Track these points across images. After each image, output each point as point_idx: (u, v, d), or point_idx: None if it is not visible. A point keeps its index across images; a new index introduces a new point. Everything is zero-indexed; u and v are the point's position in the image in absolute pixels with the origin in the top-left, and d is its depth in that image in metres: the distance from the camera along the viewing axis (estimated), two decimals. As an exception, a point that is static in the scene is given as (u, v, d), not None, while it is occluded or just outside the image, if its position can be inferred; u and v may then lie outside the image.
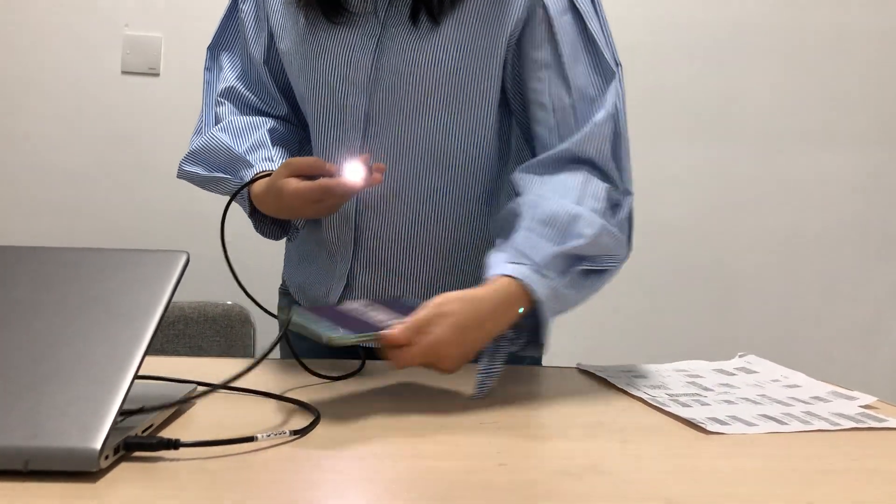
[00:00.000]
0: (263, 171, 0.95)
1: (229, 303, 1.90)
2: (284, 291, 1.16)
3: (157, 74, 2.06)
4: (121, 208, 2.06)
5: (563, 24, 0.94)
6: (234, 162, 0.99)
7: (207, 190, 1.05)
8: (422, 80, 0.95)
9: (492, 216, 1.03)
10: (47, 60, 2.03)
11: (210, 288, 1.93)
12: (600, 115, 0.92)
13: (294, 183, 0.87)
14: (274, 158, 0.98)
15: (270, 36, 1.04)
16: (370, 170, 0.86)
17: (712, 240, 2.20)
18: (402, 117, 0.96)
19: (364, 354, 0.94)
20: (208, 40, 1.12)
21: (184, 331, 1.86)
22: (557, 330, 1.21)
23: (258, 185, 0.94)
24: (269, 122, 1.04)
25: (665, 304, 2.17)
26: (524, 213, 0.87)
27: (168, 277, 0.63)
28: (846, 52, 2.26)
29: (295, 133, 1.10)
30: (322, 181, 0.86)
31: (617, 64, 0.95)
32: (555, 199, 0.88)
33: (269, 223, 1.04)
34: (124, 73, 2.05)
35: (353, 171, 0.85)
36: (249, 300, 0.97)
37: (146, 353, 0.59)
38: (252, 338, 1.91)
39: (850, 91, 2.27)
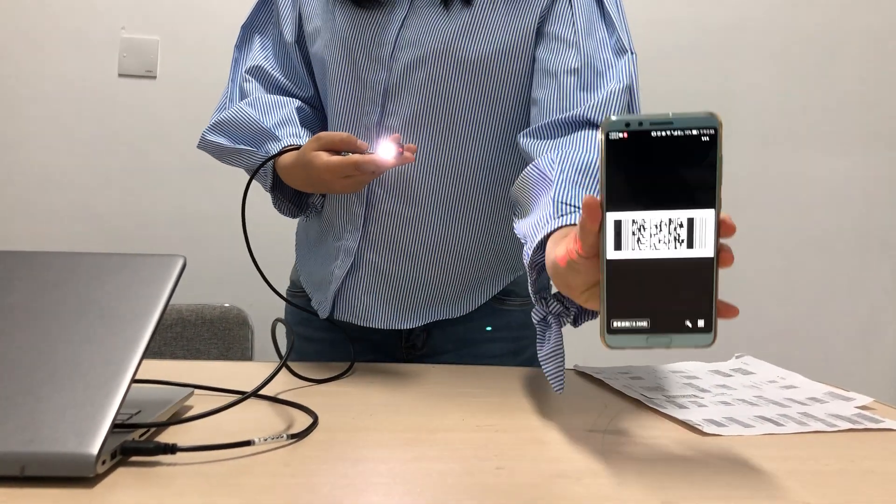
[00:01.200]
0: (292, 145, 0.96)
1: (227, 305, 1.90)
2: (292, 293, 1.17)
3: (153, 77, 2.06)
4: (118, 211, 2.06)
5: (583, 3, 0.96)
6: (260, 135, 1.00)
7: (226, 161, 1.06)
8: (445, 58, 0.96)
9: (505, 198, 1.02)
10: (44, 64, 2.03)
11: (207, 291, 1.94)
12: (615, 85, 0.91)
13: (325, 157, 0.88)
14: (301, 136, 0.99)
15: (300, 16, 1.06)
16: (402, 149, 0.87)
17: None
18: (420, 95, 0.97)
19: (353, 357, 0.97)
20: (205, 43, 1.13)
21: (181, 333, 1.86)
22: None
23: (286, 158, 0.95)
24: (296, 102, 1.06)
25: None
26: (553, 169, 0.80)
27: (164, 282, 0.63)
28: (844, 53, 2.27)
29: (317, 117, 1.11)
30: (354, 157, 0.87)
31: (632, 51, 0.94)
32: (581, 151, 0.83)
33: (287, 200, 1.06)
34: (121, 75, 2.05)
35: (386, 149, 0.86)
36: (247, 302, 0.97)
37: (143, 357, 0.59)
38: (250, 340, 1.91)
39: (848, 92, 2.27)
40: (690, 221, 0.58)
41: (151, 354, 0.62)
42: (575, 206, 0.74)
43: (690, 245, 0.58)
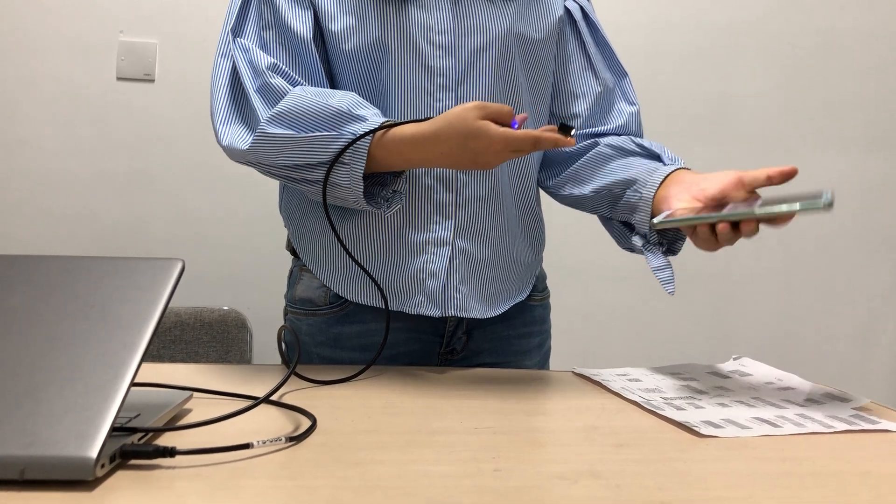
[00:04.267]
0: (391, 120, 0.91)
1: (225, 308, 1.90)
2: (303, 312, 1.08)
3: (152, 81, 2.06)
4: (117, 215, 2.06)
5: (583, 28, 1.11)
6: (338, 117, 0.90)
7: (289, 158, 0.92)
8: (508, 42, 1.02)
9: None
10: (42, 67, 2.03)
11: (206, 294, 1.94)
12: (631, 108, 1.12)
13: (498, 127, 0.85)
14: (381, 115, 0.93)
15: (315, 16, 0.99)
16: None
17: (707, 242, 2.21)
18: (489, 78, 1.01)
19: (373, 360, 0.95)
20: (203, 46, 1.11)
21: (180, 336, 1.86)
22: (553, 334, 1.22)
23: (408, 130, 0.89)
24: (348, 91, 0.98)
25: (659, 307, 2.18)
26: (633, 145, 1.07)
27: (163, 286, 0.63)
28: (842, 53, 2.27)
29: None
30: (534, 132, 0.86)
31: (626, 71, 1.14)
32: (638, 141, 1.09)
33: (378, 188, 0.96)
34: (119, 79, 2.05)
35: (567, 129, 0.87)
36: (245, 305, 0.97)
37: (142, 360, 0.59)
38: (249, 343, 1.91)
39: (846, 93, 2.28)
40: None
41: (150, 357, 0.62)
42: (678, 159, 1.04)
43: None
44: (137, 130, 2.06)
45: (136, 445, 0.58)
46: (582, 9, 1.11)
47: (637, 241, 1.01)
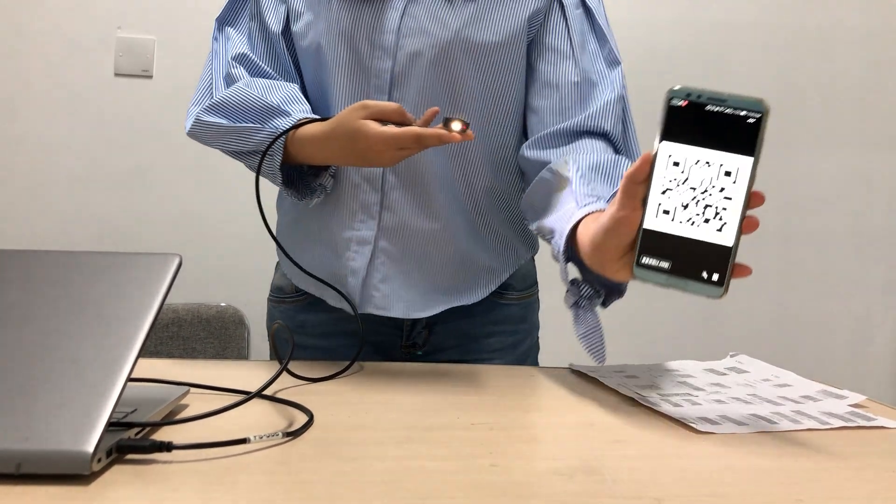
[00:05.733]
0: (308, 117, 0.93)
1: (223, 304, 1.90)
2: (275, 300, 1.14)
3: (149, 77, 2.06)
4: (114, 210, 2.06)
5: (575, 16, 1.03)
6: (266, 111, 0.95)
7: (221, 145, 1.00)
8: (452, 47, 0.97)
9: (508, 188, 1.08)
10: (40, 63, 2.03)
11: (204, 290, 1.94)
12: (609, 95, 0.99)
13: (377, 126, 0.85)
14: (310, 112, 0.96)
15: (288, 11, 1.03)
16: (465, 126, 0.86)
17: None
18: (427, 82, 0.98)
19: (355, 356, 0.95)
20: (201, 42, 1.12)
21: (177, 332, 1.86)
22: (550, 331, 1.22)
23: (310, 129, 0.92)
24: (296, 85, 1.02)
25: (656, 304, 2.18)
26: (569, 170, 0.90)
27: (160, 281, 0.63)
28: (841, 52, 2.28)
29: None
30: (416, 129, 0.84)
31: (619, 60, 1.03)
32: (590, 154, 0.94)
33: (296, 179, 1.00)
34: (117, 75, 2.05)
35: (455, 124, 0.84)
36: (243, 301, 0.97)
37: (139, 355, 0.59)
38: (246, 339, 1.91)
39: (844, 91, 2.28)
40: (723, 189, 0.67)
41: (147, 353, 0.62)
42: (596, 196, 0.84)
43: (718, 215, 0.67)
44: (135, 127, 2.06)
45: (132, 440, 0.58)
46: None
47: (569, 298, 0.84)
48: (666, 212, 0.69)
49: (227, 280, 2.00)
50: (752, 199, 0.66)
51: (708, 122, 0.67)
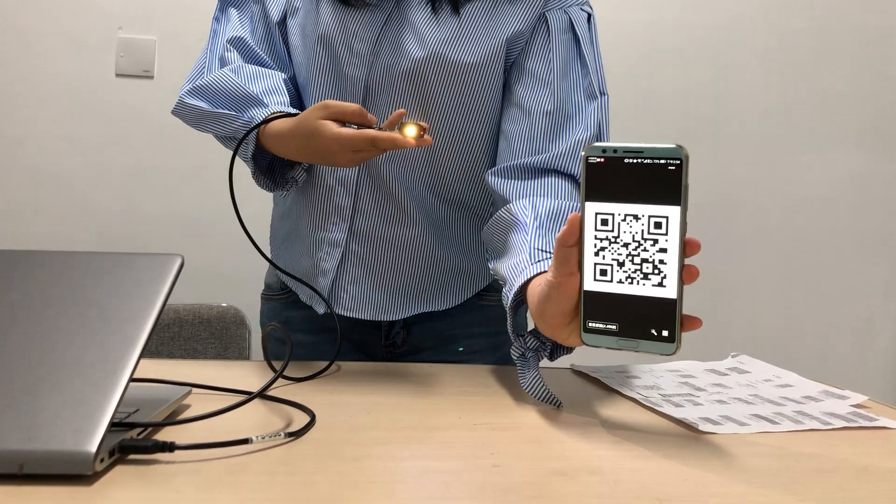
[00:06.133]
0: (280, 111, 0.93)
1: (224, 305, 1.90)
2: (265, 296, 1.16)
3: (150, 77, 2.06)
4: (115, 211, 2.06)
5: (560, 42, 0.99)
6: (245, 100, 0.96)
7: (203, 128, 1.01)
8: (427, 63, 0.96)
9: (479, 207, 1.07)
10: (41, 64, 2.03)
11: (205, 290, 1.94)
12: (583, 134, 0.95)
13: (334, 127, 0.85)
14: (288, 105, 0.96)
15: (286, 3, 1.04)
16: (423, 131, 0.84)
17: (705, 240, 2.20)
18: (400, 95, 0.98)
19: (335, 354, 0.95)
20: (202, 43, 1.11)
21: (179, 333, 1.86)
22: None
23: (278, 125, 0.92)
24: (283, 75, 1.03)
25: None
26: (527, 215, 0.87)
27: (162, 281, 0.63)
28: (840, 52, 2.27)
29: (300, 98, 1.08)
30: (370, 132, 0.83)
31: (602, 93, 0.98)
32: (551, 199, 0.90)
33: (264, 172, 1.01)
34: (118, 75, 2.05)
35: (409, 129, 0.83)
36: (244, 301, 0.97)
37: (141, 356, 0.59)
38: (247, 340, 1.91)
39: (844, 92, 2.28)
40: (655, 241, 0.66)
41: (149, 353, 0.63)
42: (549, 253, 0.80)
43: (656, 268, 0.66)
44: (136, 127, 2.06)
45: (134, 440, 0.58)
46: (571, 21, 0.99)
47: (514, 351, 0.82)
48: (603, 272, 0.68)
49: (228, 280, 2.00)
50: (687, 247, 0.65)
51: (628, 176, 0.65)
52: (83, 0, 2.03)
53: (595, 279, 0.68)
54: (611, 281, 0.67)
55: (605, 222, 0.67)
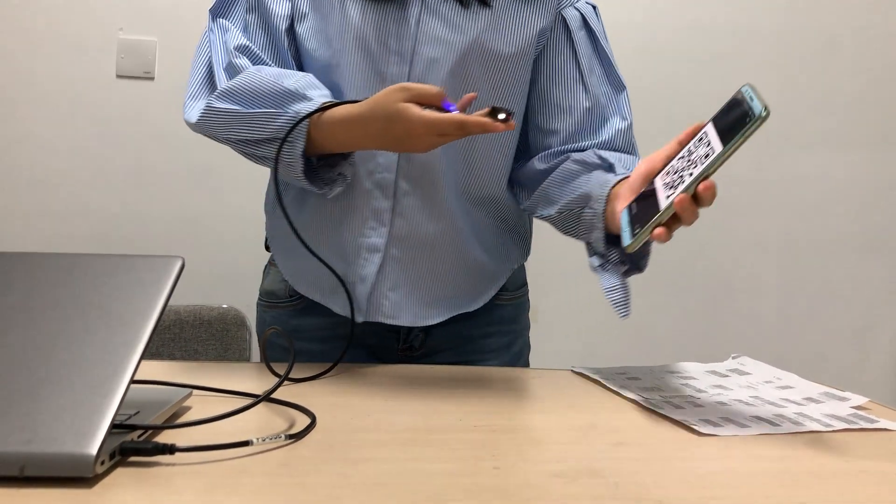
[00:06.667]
0: (331, 101, 0.90)
1: (224, 306, 1.90)
2: (266, 304, 1.12)
3: (151, 78, 2.06)
4: (116, 212, 2.06)
5: (580, 39, 1.04)
6: (284, 96, 0.91)
7: (236, 132, 0.93)
8: (470, 54, 0.97)
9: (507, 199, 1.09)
10: (42, 65, 2.03)
11: (205, 292, 1.94)
12: (621, 124, 1.04)
13: (419, 109, 0.83)
14: (331, 97, 0.92)
15: (292, 10, 1.01)
16: (509, 115, 0.84)
17: (705, 241, 2.21)
18: (442, 85, 0.95)
19: (339, 357, 0.94)
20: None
21: (179, 334, 1.86)
22: (552, 332, 1.22)
23: (341, 111, 0.88)
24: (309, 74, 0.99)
25: (659, 305, 2.18)
26: (597, 157, 0.98)
27: (163, 283, 0.63)
28: (839, 54, 2.27)
29: None
30: (459, 116, 0.82)
31: (624, 84, 1.06)
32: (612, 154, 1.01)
33: (328, 169, 0.96)
34: (119, 77, 2.05)
35: (498, 113, 0.82)
36: (245, 303, 0.97)
37: (142, 357, 0.59)
38: (247, 341, 1.90)
39: (844, 93, 2.28)
40: (696, 164, 0.75)
41: (150, 355, 0.62)
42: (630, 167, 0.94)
43: (675, 186, 0.76)
44: (137, 128, 2.06)
45: (135, 442, 0.58)
46: (583, 16, 1.05)
47: (595, 261, 0.93)
48: (667, 172, 0.80)
49: (229, 282, 2.00)
50: (703, 183, 0.74)
51: (732, 112, 0.74)
52: (84, 1, 2.03)
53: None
54: (664, 183, 0.79)
55: (700, 140, 0.77)
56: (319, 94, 0.92)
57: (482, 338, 1.10)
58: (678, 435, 0.72)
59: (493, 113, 0.83)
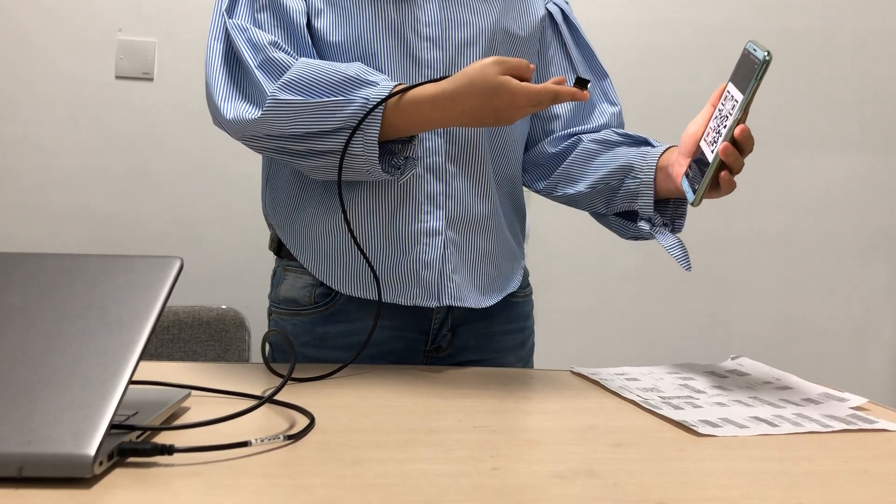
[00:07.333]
0: (403, 84, 0.90)
1: (223, 307, 1.90)
2: (287, 312, 1.06)
3: (150, 79, 2.06)
4: (115, 213, 2.06)
5: (566, 31, 1.14)
6: (349, 83, 0.90)
7: (301, 125, 0.90)
8: (496, 36, 1.04)
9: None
10: (41, 66, 2.03)
11: (204, 292, 1.94)
12: (611, 109, 1.13)
13: (518, 82, 0.87)
14: (390, 80, 0.92)
15: (307, 6, 0.99)
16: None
17: (704, 242, 2.21)
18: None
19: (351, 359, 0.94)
20: (202, 45, 1.08)
21: (178, 335, 1.86)
22: (552, 332, 1.22)
23: (428, 90, 0.89)
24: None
25: (658, 306, 2.18)
26: (616, 135, 1.08)
27: (162, 284, 0.63)
28: (838, 55, 2.28)
29: None
30: (553, 87, 0.87)
31: (606, 73, 1.15)
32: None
33: (389, 156, 0.94)
34: (118, 77, 2.05)
35: (584, 84, 0.90)
36: (243, 304, 0.97)
37: (140, 358, 0.59)
38: (246, 342, 1.91)
39: (842, 94, 2.28)
40: (728, 116, 0.85)
41: (148, 356, 0.62)
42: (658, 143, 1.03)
43: (716, 138, 0.87)
44: (136, 129, 2.06)
45: (134, 443, 0.58)
46: (563, 11, 1.14)
47: (644, 225, 1.02)
48: (707, 134, 0.90)
49: (228, 283, 2.00)
50: (738, 128, 0.83)
51: (743, 66, 0.84)
52: (83, 2, 2.03)
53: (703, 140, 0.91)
54: (707, 143, 0.89)
55: (725, 98, 0.87)
56: (383, 79, 0.92)
57: (501, 335, 1.11)
58: (677, 436, 0.72)
59: (578, 83, 0.89)
